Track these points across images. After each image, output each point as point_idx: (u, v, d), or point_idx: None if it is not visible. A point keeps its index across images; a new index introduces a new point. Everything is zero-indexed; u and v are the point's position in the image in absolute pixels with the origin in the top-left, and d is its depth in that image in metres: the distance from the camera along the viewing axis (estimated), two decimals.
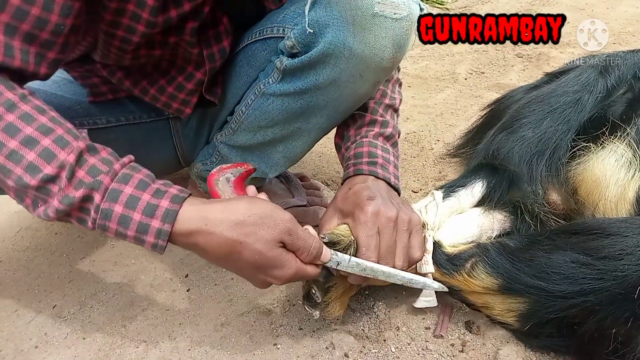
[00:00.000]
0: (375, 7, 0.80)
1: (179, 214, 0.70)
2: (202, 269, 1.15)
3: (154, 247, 0.71)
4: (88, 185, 0.68)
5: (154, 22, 0.82)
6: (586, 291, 0.80)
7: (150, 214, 0.69)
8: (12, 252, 1.26)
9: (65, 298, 1.10)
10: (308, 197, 1.29)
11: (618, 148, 1.00)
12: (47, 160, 0.67)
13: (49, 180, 0.67)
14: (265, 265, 0.74)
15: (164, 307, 1.06)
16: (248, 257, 0.72)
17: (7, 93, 0.68)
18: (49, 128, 0.69)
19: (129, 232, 0.70)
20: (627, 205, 0.95)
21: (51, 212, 0.68)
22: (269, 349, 0.94)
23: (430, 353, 0.91)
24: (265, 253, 0.72)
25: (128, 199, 0.69)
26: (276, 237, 0.72)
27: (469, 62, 2.12)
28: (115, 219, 0.69)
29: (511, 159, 1.07)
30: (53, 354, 0.97)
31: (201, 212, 0.71)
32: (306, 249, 0.76)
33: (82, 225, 0.72)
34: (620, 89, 1.15)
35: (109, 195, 0.69)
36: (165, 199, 0.70)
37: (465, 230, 1.03)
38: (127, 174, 0.71)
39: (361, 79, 0.89)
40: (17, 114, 0.67)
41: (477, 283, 0.90)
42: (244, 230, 0.71)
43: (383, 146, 0.98)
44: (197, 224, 0.70)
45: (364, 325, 0.98)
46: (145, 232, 0.70)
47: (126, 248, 1.24)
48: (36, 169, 0.67)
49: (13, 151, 0.66)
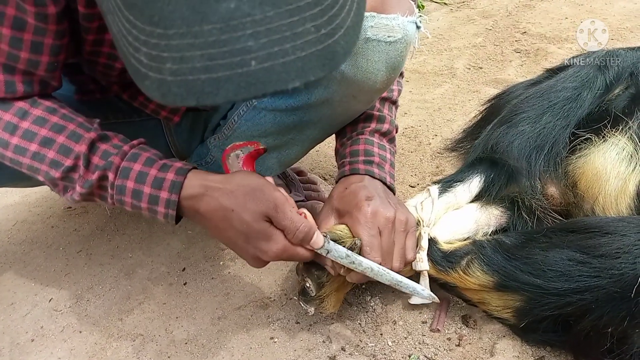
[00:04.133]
0: (368, 32, 0.77)
1: (184, 183, 0.77)
2: (198, 263, 1.15)
3: (166, 216, 0.78)
4: (102, 167, 0.77)
5: None
6: (582, 289, 0.80)
7: (158, 187, 0.77)
8: (8, 246, 1.25)
9: (62, 291, 1.10)
10: (305, 191, 1.29)
11: (619, 141, 1.00)
12: (65, 155, 0.76)
13: (69, 171, 0.77)
14: (252, 237, 0.76)
15: (160, 301, 1.06)
16: (237, 226, 0.75)
17: (18, 102, 0.77)
18: (62, 126, 0.77)
19: (143, 204, 0.78)
20: (627, 199, 0.95)
21: (76, 196, 0.78)
22: (266, 342, 0.94)
23: (427, 347, 0.91)
24: (251, 224, 0.74)
25: (138, 174, 0.77)
26: (262, 210, 0.74)
27: (467, 57, 2.11)
28: (129, 193, 0.77)
29: (510, 153, 1.07)
30: (49, 347, 0.97)
31: (203, 181, 0.77)
32: (292, 230, 0.76)
33: (104, 202, 0.80)
34: (620, 85, 1.15)
35: (120, 173, 0.77)
36: (170, 172, 0.77)
37: (462, 226, 1.03)
38: (136, 153, 0.79)
39: (354, 99, 0.88)
40: (30, 119, 0.77)
41: (472, 280, 0.90)
42: (235, 200, 0.75)
43: (379, 143, 0.97)
44: (199, 190, 0.77)
45: (361, 319, 0.98)
46: (156, 203, 0.77)
47: (123, 242, 1.23)
48: (58, 163, 0.76)
49: (35, 153, 0.76)
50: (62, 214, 1.36)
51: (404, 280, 0.84)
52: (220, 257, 1.16)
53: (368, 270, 0.81)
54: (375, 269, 0.81)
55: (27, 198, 1.43)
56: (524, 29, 2.28)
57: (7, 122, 0.76)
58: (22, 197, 1.43)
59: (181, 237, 1.23)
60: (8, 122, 0.76)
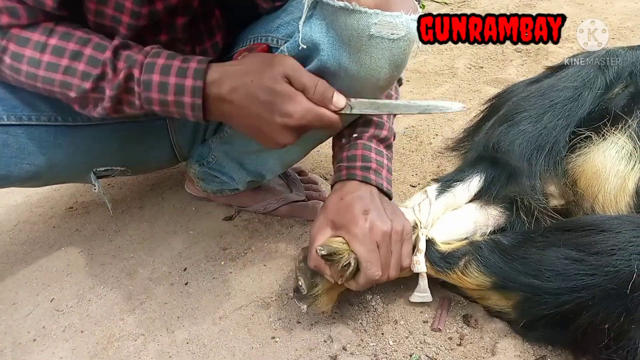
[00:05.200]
0: (372, 29, 0.76)
1: (207, 69, 0.79)
2: (200, 263, 1.15)
3: (193, 108, 0.80)
4: (127, 67, 0.79)
5: (137, 13, 0.82)
6: (579, 287, 0.80)
7: (183, 75, 0.78)
8: (10, 246, 1.26)
9: (63, 291, 1.10)
10: (306, 191, 1.29)
11: (619, 140, 1.00)
12: (94, 65, 0.79)
13: (99, 79, 0.79)
14: (276, 102, 0.76)
15: (162, 301, 1.06)
16: (260, 95, 0.77)
17: (43, 23, 0.80)
18: (87, 39, 0.80)
19: (169, 97, 0.79)
20: (626, 197, 0.95)
21: (106, 103, 0.80)
22: (267, 342, 0.94)
23: (428, 346, 0.91)
24: (272, 86, 0.76)
25: (162, 67, 0.79)
26: (280, 71, 0.76)
27: (467, 56, 2.11)
28: (156, 87, 0.79)
29: (511, 152, 1.07)
30: (51, 347, 0.97)
31: (223, 67, 0.80)
32: (312, 86, 0.77)
33: (132, 109, 0.83)
34: (620, 84, 1.15)
35: (145, 69, 0.79)
36: (193, 62, 0.79)
37: (460, 227, 1.02)
38: (158, 51, 0.81)
39: (357, 96, 0.88)
40: (57, 36, 0.80)
41: (470, 281, 0.91)
42: (252, 73, 0.78)
43: (377, 149, 0.96)
44: (220, 73, 0.79)
45: (362, 318, 0.98)
46: (182, 93, 0.79)
47: (124, 242, 1.24)
48: (89, 75, 0.79)
49: (67, 67, 0.79)
50: (63, 214, 1.36)
51: (433, 103, 0.87)
52: (222, 257, 1.16)
53: (395, 109, 0.88)
54: (403, 104, 0.88)
55: (29, 199, 1.43)
56: None
57: (36, 41, 0.79)
58: (24, 198, 1.43)
59: (182, 237, 1.24)
60: (37, 42, 0.79)
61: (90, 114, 0.84)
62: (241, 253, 1.17)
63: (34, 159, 0.94)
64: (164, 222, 1.29)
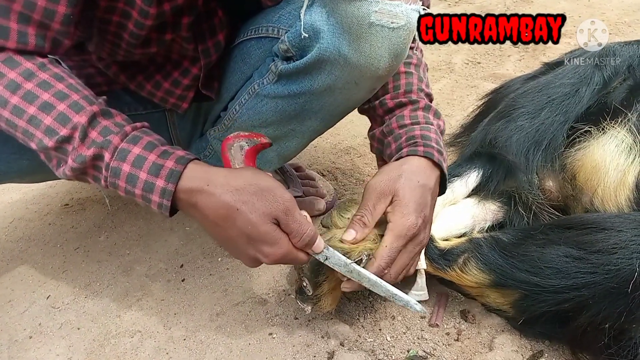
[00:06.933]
0: (372, 17, 0.76)
1: (183, 173, 0.72)
2: (197, 259, 1.14)
3: (160, 206, 0.73)
4: (99, 145, 0.72)
5: (146, 11, 0.81)
6: (579, 286, 0.79)
7: (155, 173, 0.72)
8: (5, 243, 1.25)
9: (59, 288, 1.10)
10: (303, 187, 1.29)
11: (619, 133, 1.00)
12: (62, 124, 0.71)
13: (64, 141, 0.72)
14: (257, 239, 0.73)
15: (158, 297, 1.05)
16: (241, 226, 0.72)
17: (26, 63, 0.73)
18: (65, 94, 0.73)
19: (137, 191, 0.73)
20: (626, 190, 0.94)
21: (68, 170, 0.73)
22: (265, 338, 0.94)
23: (426, 342, 0.91)
24: (258, 226, 0.71)
25: (135, 158, 0.72)
26: (272, 212, 0.72)
27: (465, 52, 2.11)
28: (124, 177, 0.72)
29: (509, 148, 1.06)
30: (47, 344, 0.97)
31: (205, 174, 0.73)
32: (300, 234, 0.74)
33: (97, 183, 0.76)
34: (618, 78, 1.14)
35: (117, 154, 0.72)
36: (170, 160, 0.73)
37: (459, 222, 1.02)
38: (137, 136, 0.74)
39: (356, 86, 0.88)
40: (35, 82, 0.72)
41: (469, 278, 0.91)
42: (242, 198, 0.71)
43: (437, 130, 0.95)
44: (200, 183, 0.72)
45: (360, 314, 0.98)
46: (151, 191, 0.72)
47: (120, 239, 1.23)
48: (53, 132, 0.71)
49: (32, 117, 0.71)
50: (59, 211, 1.35)
51: (399, 294, 0.81)
52: (219, 253, 1.16)
53: (365, 281, 0.79)
54: (373, 281, 0.79)
55: (24, 195, 1.42)
56: None
57: (10, 80, 0.72)
58: (20, 195, 1.43)
59: (179, 233, 1.23)
60: (12, 81, 0.72)
61: (54, 171, 0.77)
62: None
63: (34, 155, 0.94)
64: (161, 219, 1.28)
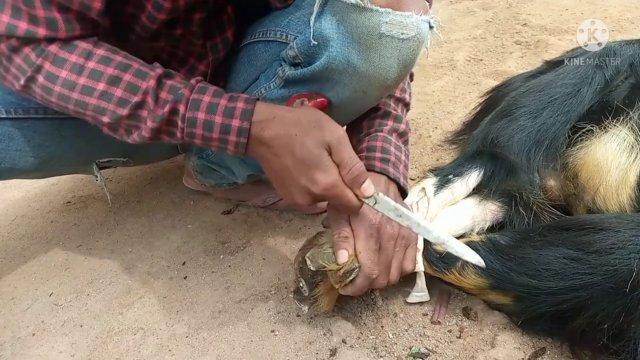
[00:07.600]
0: (382, 27, 0.76)
1: (254, 110, 0.77)
2: (199, 257, 1.15)
3: (237, 145, 0.78)
4: (172, 100, 0.77)
5: (160, 5, 0.81)
6: (577, 286, 0.79)
7: (229, 115, 0.77)
8: (8, 241, 1.25)
9: (62, 286, 1.10)
10: None
11: (620, 132, 1.00)
12: (133, 92, 0.76)
13: (137, 107, 0.77)
14: (309, 165, 0.75)
15: (161, 295, 1.06)
16: (297, 152, 0.76)
17: (81, 44, 0.77)
18: (127, 64, 0.77)
19: (214, 135, 0.78)
20: (628, 189, 0.94)
21: (145, 132, 0.78)
22: (267, 335, 0.94)
23: (428, 339, 0.91)
24: (311, 149, 0.75)
25: (208, 105, 0.77)
26: (325, 138, 0.75)
27: (467, 49, 2.10)
28: (200, 125, 0.77)
29: (510, 147, 1.06)
30: (50, 341, 0.97)
31: (271, 109, 0.78)
32: (349, 165, 0.76)
33: (171, 138, 0.81)
34: (620, 76, 1.14)
35: (191, 105, 0.77)
36: (240, 102, 0.78)
37: (458, 223, 1.02)
38: (203, 87, 0.79)
39: (364, 94, 0.87)
40: (96, 59, 0.77)
41: (468, 281, 0.91)
42: (300, 127, 0.76)
43: (396, 143, 0.96)
44: (268, 115, 0.77)
45: (362, 312, 0.98)
46: (228, 132, 0.77)
47: (122, 236, 1.23)
48: (126, 101, 0.77)
49: (103, 92, 0.76)
50: (61, 208, 1.36)
51: (451, 242, 0.80)
52: (221, 251, 1.16)
53: (414, 226, 0.80)
54: (422, 226, 0.80)
55: (26, 193, 1.42)
56: (524, 20, 2.27)
57: (73, 63, 0.76)
58: (22, 193, 1.43)
59: (181, 231, 1.23)
60: (74, 64, 0.76)
61: (122, 139, 0.82)
62: (240, 247, 1.17)
63: (39, 152, 0.94)
64: (163, 216, 1.29)
